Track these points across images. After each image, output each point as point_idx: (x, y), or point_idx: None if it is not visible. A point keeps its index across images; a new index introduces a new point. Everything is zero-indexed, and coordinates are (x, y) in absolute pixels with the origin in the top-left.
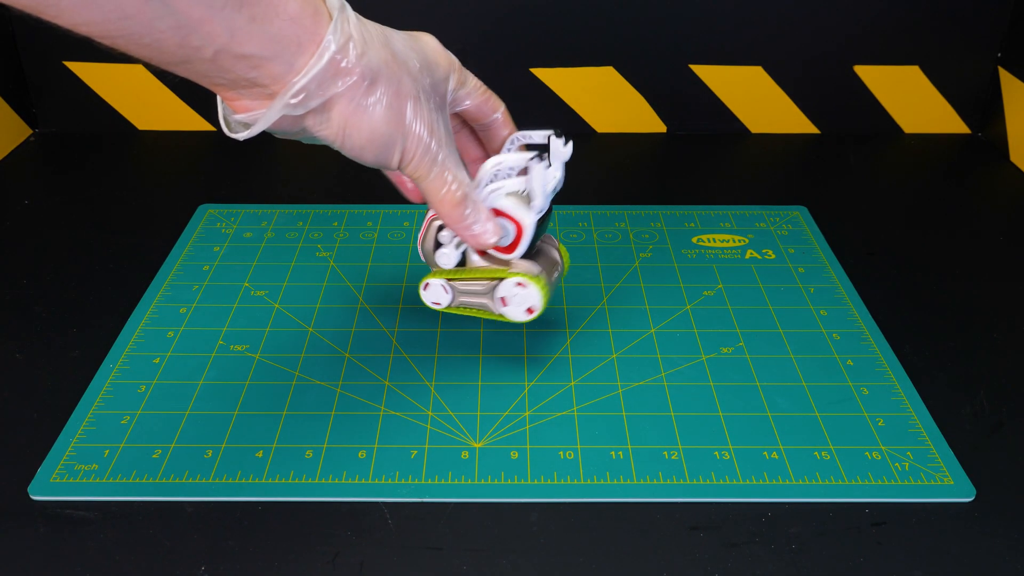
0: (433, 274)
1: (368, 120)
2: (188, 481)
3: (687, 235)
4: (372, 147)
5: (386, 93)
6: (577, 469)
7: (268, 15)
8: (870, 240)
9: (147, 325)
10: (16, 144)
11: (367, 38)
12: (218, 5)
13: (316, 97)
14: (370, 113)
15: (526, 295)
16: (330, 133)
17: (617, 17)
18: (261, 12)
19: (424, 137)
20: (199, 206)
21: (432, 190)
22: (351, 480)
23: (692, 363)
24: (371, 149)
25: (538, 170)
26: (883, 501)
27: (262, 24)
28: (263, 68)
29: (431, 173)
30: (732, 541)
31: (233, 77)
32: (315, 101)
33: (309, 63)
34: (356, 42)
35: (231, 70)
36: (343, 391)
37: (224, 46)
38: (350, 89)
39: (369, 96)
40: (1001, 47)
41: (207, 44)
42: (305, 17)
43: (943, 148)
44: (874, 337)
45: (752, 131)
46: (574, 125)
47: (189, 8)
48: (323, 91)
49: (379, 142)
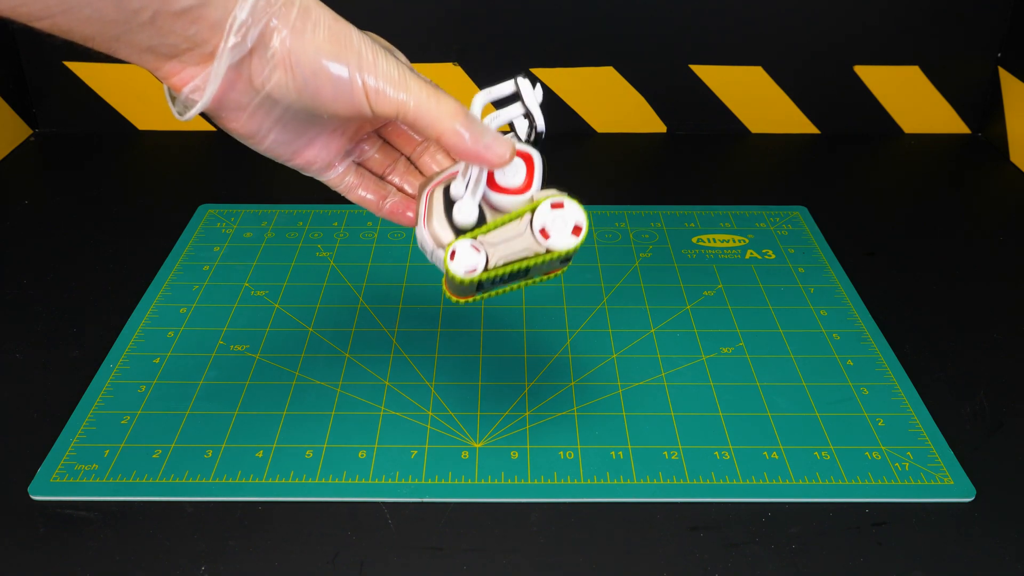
0: (456, 240)
1: (312, 40)
2: (188, 481)
3: (687, 235)
4: (326, 75)
5: (324, 17)
6: (577, 469)
7: None
8: (870, 240)
9: (147, 325)
10: (16, 144)
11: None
12: None
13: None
14: (312, 33)
15: (567, 215)
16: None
17: (617, 17)
18: None
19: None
20: (199, 206)
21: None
22: (351, 480)
23: (692, 363)
24: (326, 78)
25: (527, 87)
26: (883, 501)
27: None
28: (202, 19)
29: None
30: (732, 541)
31: (174, 40)
32: (253, 34)
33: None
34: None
35: (171, 31)
36: (343, 391)
37: (161, 5)
38: (284, 13)
39: (306, 20)
40: (1001, 47)
41: (145, 5)
42: None
43: (943, 148)
44: (874, 337)
45: (752, 131)
46: (574, 125)
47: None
48: (259, 22)
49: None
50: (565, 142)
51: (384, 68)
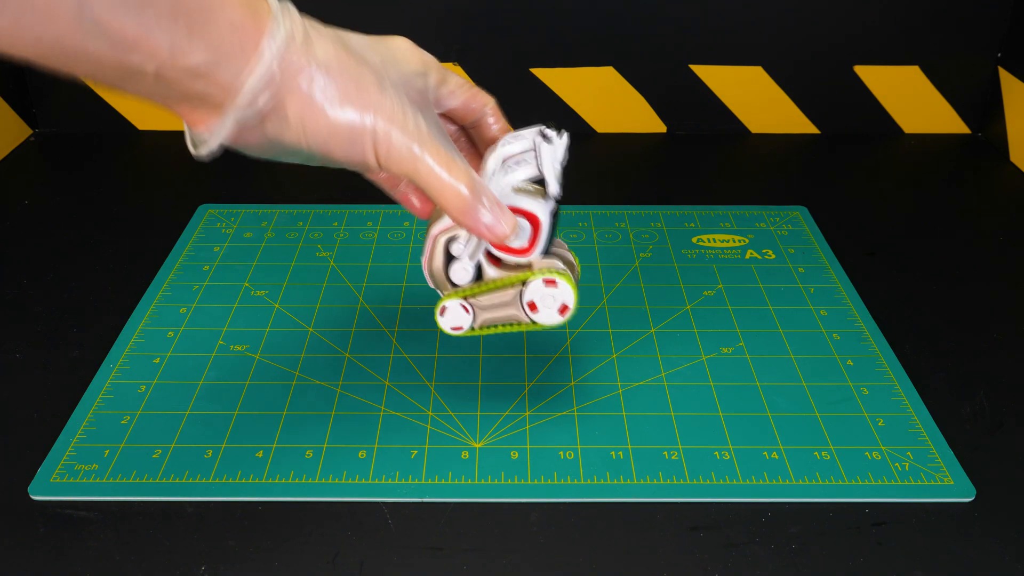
0: (448, 296)
1: (325, 115)
2: (188, 481)
3: (687, 235)
4: (337, 141)
5: (341, 84)
6: (577, 469)
7: (206, 24)
8: (870, 240)
9: (147, 325)
10: (16, 144)
11: (313, 35)
12: (151, 22)
13: (263, 98)
14: (326, 107)
15: (557, 293)
16: (292, 135)
17: (617, 17)
18: (199, 22)
19: (394, 128)
20: (199, 206)
21: (430, 184)
22: (351, 480)
23: (692, 363)
24: (336, 144)
25: (547, 151)
26: (883, 501)
27: (201, 34)
28: (209, 78)
29: (418, 165)
30: (732, 541)
31: (182, 91)
32: (263, 101)
33: (252, 64)
34: (298, 36)
35: (178, 84)
36: (343, 391)
37: (165, 61)
38: (298, 85)
39: (320, 88)
40: (1001, 47)
41: (147, 61)
42: (245, 22)
43: (943, 148)
44: (874, 337)
45: (752, 131)
46: (574, 125)
47: (122, 28)
48: (270, 90)
49: (343, 137)
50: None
51: (398, 140)
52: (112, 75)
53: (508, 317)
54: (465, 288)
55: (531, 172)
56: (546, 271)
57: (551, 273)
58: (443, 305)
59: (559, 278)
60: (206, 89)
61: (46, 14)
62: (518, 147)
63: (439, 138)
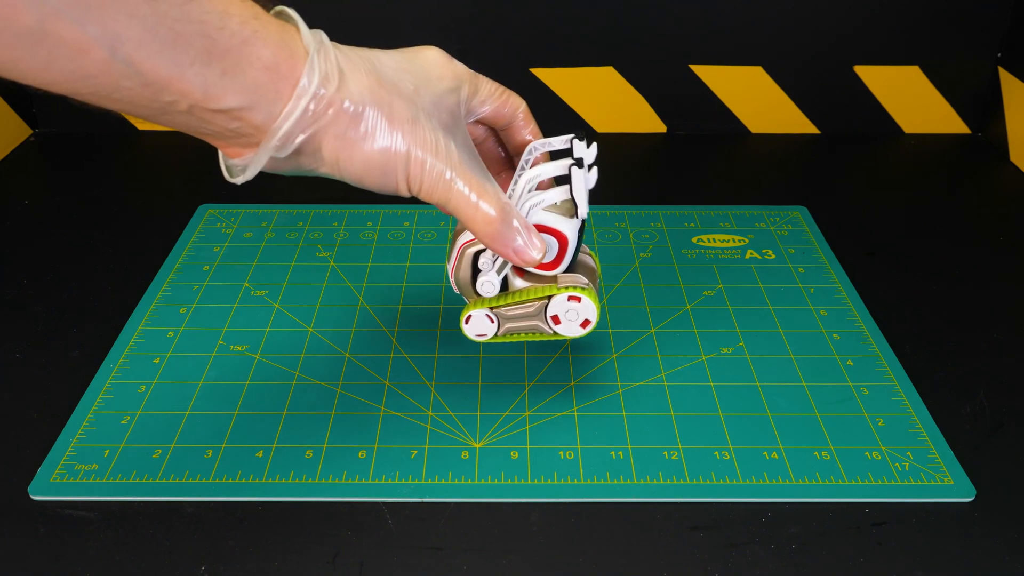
0: (473, 304)
1: (360, 151)
2: (188, 481)
3: (687, 235)
4: (370, 176)
5: (375, 121)
6: (577, 469)
7: (241, 66)
8: (870, 240)
9: (147, 325)
10: (16, 144)
11: (347, 69)
12: (186, 62)
13: (298, 139)
14: (360, 143)
15: (581, 309)
16: (325, 168)
17: (617, 17)
18: (233, 64)
19: (428, 158)
20: (199, 206)
21: (460, 211)
22: (351, 480)
23: (692, 363)
24: (370, 178)
25: (579, 176)
26: (883, 501)
27: (235, 76)
28: (243, 119)
29: (451, 194)
30: (732, 541)
31: (215, 129)
32: (299, 142)
33: (287, 108)
34: (332, 76)
35: (211, 122)
36: (343, 391)
37: (198, 101)
38: (332, 124)
39: (355, 127)
40: (1001, 47)
41: (180, 99)
42: (280, 63)
43: (943, 148)
44: (874, 337)
45: (752, 131)
46: (574, 125)
47: (155, 68)
48: (305, 132)
49: (376, 171)
50: None
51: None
52: (145, 111)
53: (531, 327)
54: (491, 299)
55: (562, 195)
56: (571, 288)
57: (575, 290)
58: (469, 314)
59: (583, 295)
60: (240, 128)
61: (78, 52)
62: (550, 171)
63: (469, 162)
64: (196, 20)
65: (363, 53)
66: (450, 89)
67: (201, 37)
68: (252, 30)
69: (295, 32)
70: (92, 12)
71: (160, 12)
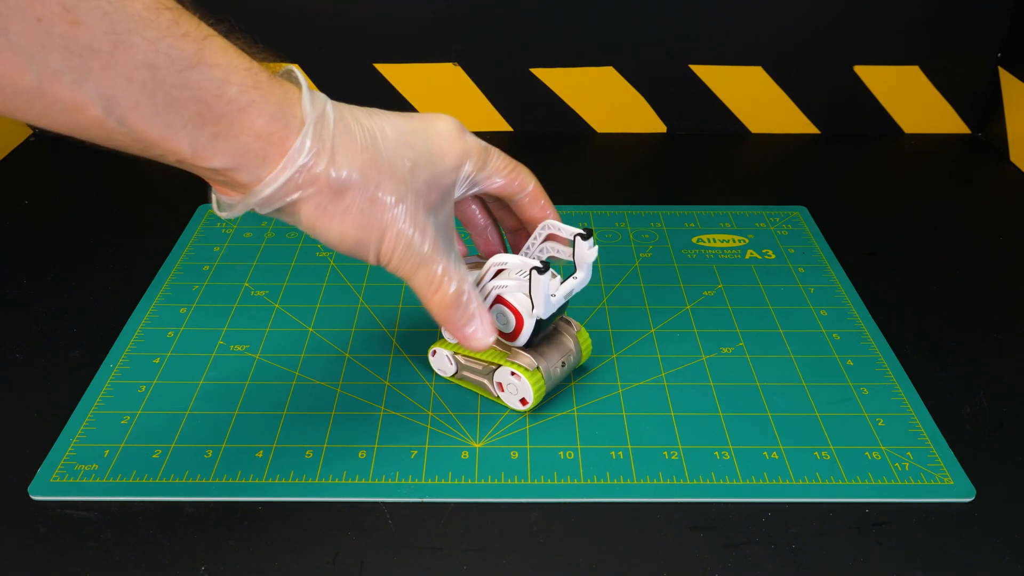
0: (441, 342)
1: (338, 223)
2: (188, 481)
3: (687, 235)
4: (344, 245)
5: (357, 200)
6: (577, 469)
7: (232, 132)
8: (870, 240)
9: (147, 325)
10: (16, 144)
11: (341, 145)
12: (178, 124)
13: (279, 202)
14: (339, 217)
15: (520, 386)
16: (303, 228)
17: (617, 17)
18: (224, 129)
19: (402, 241)
20: (199, 206)
21: (420, 290)
22: (351, 480)
23: (692, 363)
24: (343, 247)
25: (538, 281)
26: (883, 501)
27: (226, 140)
28: (229, 176)
29: (416, 273)
30: (732, 541)
31: (203, 176)
32: (279, 204)
33: (271, 175)
34: (323, 152)
35: (199, 172)
36: (343, 391)
37: (186, 159)
38: (315, 196)
39: (336, 202)
40: (1001, 47)
41: (170, 155)
42: (273, 132)
43: (943, 148)
44: (874, 337)
45: (752, 131)
46: (574, 125)
47: (148, 129)
48: (288, 198)
49: (349, 244)
50: (565, 142)
51: (399, 255)
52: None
53: (481, 384)
54: (455, 343)
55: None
56: (515, 365)
57: (518, 368)
58: (435, 349)
59: (524, 375)
60: (226, 182)
61: (74, 110)
62: (515, 266)
63: (443, 244)
64: (194, 87)
65: (367, 121)
66: (452, 167)
67: (197, 103)
68: (250, 99)
69: (297, 97)
70: (92, 75)
71: (159, 78)
